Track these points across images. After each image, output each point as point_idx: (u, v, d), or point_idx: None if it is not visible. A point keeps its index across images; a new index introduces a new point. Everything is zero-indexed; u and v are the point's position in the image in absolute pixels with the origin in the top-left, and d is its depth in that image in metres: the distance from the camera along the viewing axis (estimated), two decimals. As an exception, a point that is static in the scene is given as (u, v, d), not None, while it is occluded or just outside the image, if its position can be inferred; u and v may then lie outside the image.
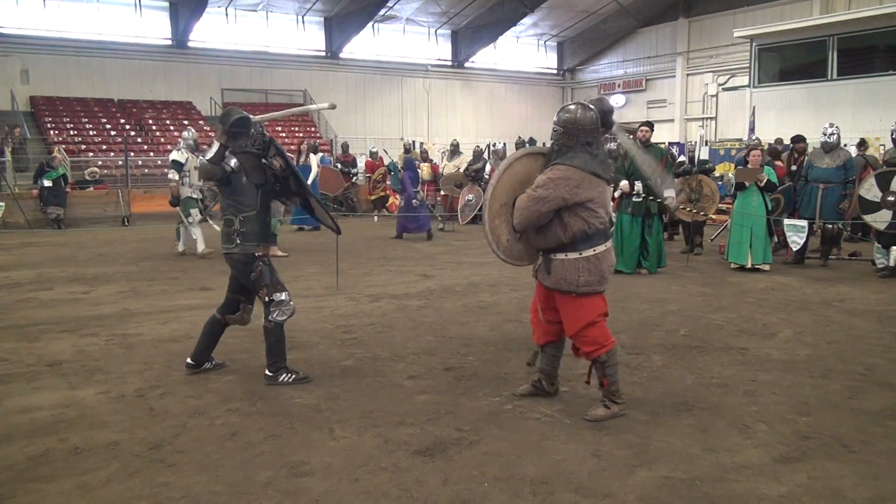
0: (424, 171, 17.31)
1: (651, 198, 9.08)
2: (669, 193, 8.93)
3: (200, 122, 24.93)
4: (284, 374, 4.81)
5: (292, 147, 23.09)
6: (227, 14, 26.10)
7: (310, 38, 28.10)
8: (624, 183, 9.11)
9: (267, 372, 4.84)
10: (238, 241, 4.76)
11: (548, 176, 3.97)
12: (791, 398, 4.50)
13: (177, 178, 10.55)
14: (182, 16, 24.93)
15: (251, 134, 4.74)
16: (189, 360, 5.08)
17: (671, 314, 6.92)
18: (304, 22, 27.78)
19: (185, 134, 11.23)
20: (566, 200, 3.93)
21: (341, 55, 28.33)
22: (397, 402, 4.45)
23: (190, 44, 25.53)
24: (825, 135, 9.81)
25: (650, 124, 9.46)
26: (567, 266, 4.01)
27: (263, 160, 4.78)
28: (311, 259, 10.64)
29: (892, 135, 9.53)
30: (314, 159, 14.89)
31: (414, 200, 13.00)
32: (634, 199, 9.16)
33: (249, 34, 26.68)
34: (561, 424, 4.07)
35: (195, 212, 10.79)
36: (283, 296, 4.78)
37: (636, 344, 5.79)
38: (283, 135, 25.70)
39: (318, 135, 25.58)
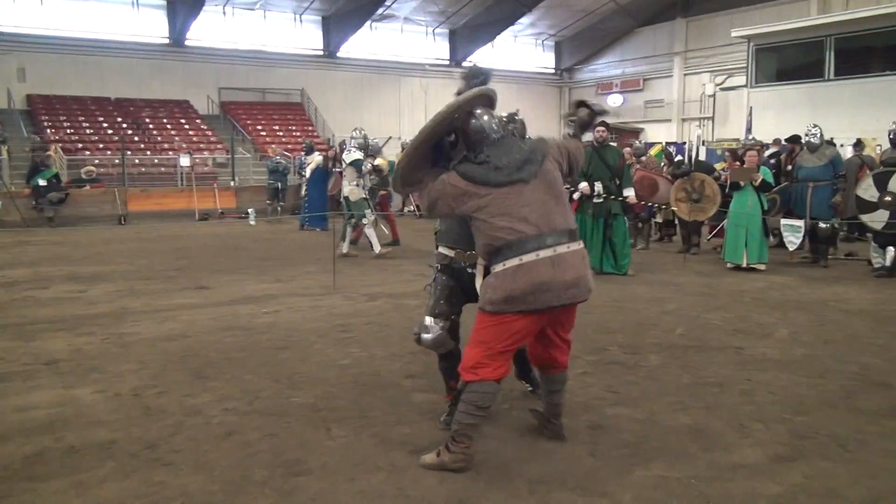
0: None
1: (613, 197, 9.03)
2: (628, 192, 9.11)
3: (197, 120, 24.91)
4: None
5: (289, 146, 23.10)
6: (224, 13, 26.04)
7: (307, 37, 28.04)
8: (583, 185, 8.92)
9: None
10: (436, 244, 4.21)
11: (441, 176, 3.54)
12: (787, 398, 4.51)
13: (356, 179, 10.43)
14: (179, 14, 24.87)
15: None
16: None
17: (668, 314, 6.93)
18: (301, 21, 27.74)
19: (354, 133, 10.91)
20: (453, 209, 3.51)
21: (339, 54, 28.28)
22: (394, 402, 4.45)
23: (187, 42, 25.45)
24: (807, 135, 9.96)
25: (606, 125, 9.41)
26: (485, 282, 3.51)
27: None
28: (309, 258, 10.63)
29: (889, 135, 9.55)
30: (313, 159, 14.85)
31: None
32: (595, 200, 8.99)
33: (247, 33, 26.62)
34: (557, 424, 4.07)
35: (370, 213, 10.68)
36: (429, 321, 4.06)
37: (633, 343, 5.79)
38: (281, 134, 25.67)
39: (315, 134, 25.55)
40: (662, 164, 13.24)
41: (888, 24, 17.45)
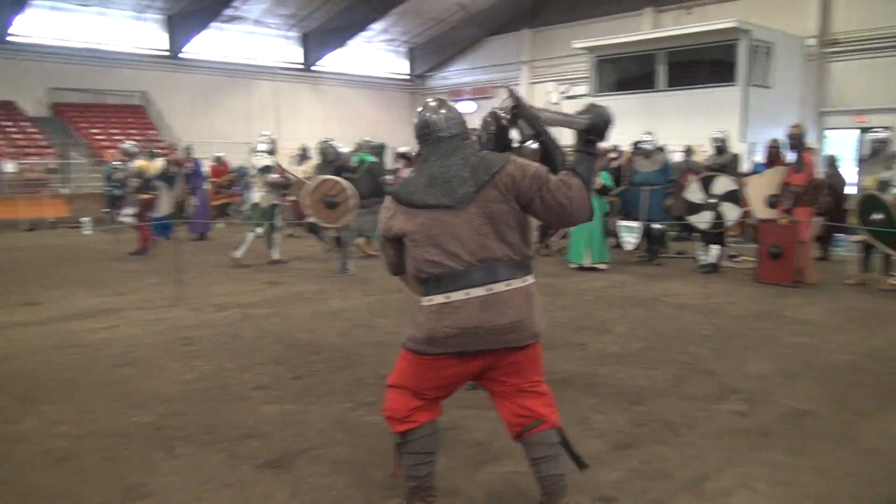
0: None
1: None
2: None
3: (24, 123, 23.03)
4: None
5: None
6: (54, 6, 24.23)
7: (150, 36, 26.66)
8: None
9: None
10: None
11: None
12: (625, 389, 4.79)
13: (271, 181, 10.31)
14: (2, 8, 22.89)
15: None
16: None
17: (518, 314, 7.14)
18: (143, 19, 26.32)
19: (262, 137, 10.75)
20: (385, 234, 3.01)
21: (185, 56, 27.09)
22: (243, 415, 4.31)
23: (10, 38, 23.47)
24: (642, 142, 10.69)
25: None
26: (411, 314, 3.01)
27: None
28: (151, 268, 10.10)
29: (715, 143, 10.40)
30: (155, 165, 14.08)
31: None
32: None
33: (81, 30, 24.89)
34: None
35: (267, 224, 10.47)
36: None
37: (484, 344, 5.93)
38: (120, 138, 24.21)
39: (159, 138, 24.33)
40: None
41: (714, 39, 18.94)
